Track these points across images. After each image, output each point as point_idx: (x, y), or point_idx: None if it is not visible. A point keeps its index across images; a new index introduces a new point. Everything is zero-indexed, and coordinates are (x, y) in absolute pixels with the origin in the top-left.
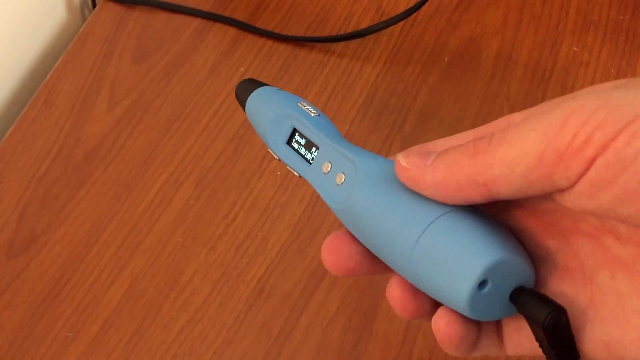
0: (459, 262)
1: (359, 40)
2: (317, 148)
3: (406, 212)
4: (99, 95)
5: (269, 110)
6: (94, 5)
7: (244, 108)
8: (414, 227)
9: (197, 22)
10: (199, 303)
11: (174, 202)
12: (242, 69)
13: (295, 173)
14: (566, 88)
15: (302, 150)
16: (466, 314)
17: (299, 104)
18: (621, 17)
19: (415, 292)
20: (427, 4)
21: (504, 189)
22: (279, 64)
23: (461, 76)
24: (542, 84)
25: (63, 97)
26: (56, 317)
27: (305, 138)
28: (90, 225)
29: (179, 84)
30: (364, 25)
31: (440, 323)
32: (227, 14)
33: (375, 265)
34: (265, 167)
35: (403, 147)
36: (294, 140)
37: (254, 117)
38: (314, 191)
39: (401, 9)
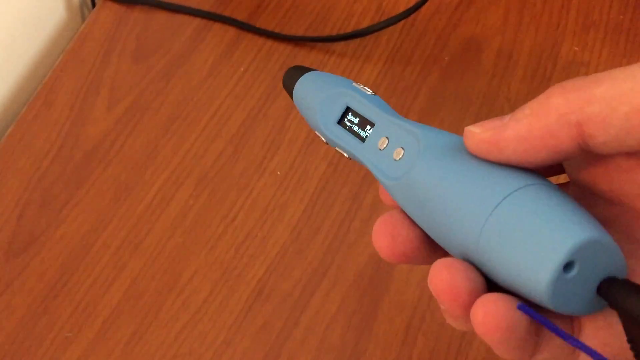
0: (541, 239)
1: (359, 40)
2: (372, 125)
3: (477, 185)
4: (99, 95)
5: (319, 91)
6: (94, 5)
7: (291, 95)
8: (487, 200)
9: (196, 21)
10: (198, 303)
11: (173, 202)
12: (242, 69)
13: (345, 154)
14: None
15: (355, 129)
16: (544, 301)
17: (353, 83)
18: (622, 17)
19: (471, 275)
20: (427, 4)
21: (601, 133)
22: (279, 64)
23: (461, 76)
24: (542, 84)
25: (62, 97)
26: (55, 318)
27: (360, 116)
28: (89, 225)
29: (178, 84)
30: (364, 25)
31: (479, 312)
32: (227, 13)
33: (433, 252)
34: (265, 167)
35: None
36: (346, 119)
37: (302, 101)
38: (314, 191)
39: (401, 8)
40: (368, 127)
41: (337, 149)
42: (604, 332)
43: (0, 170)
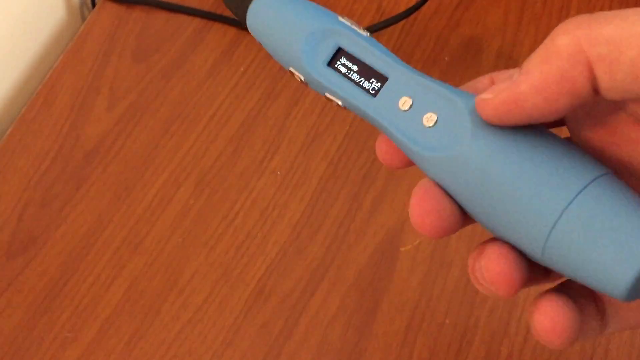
0: (623, 237)
1: None
2: (382, 77)
3: (548, 174)
4: (99, 95)
5: (296, 22)
6: (94, 5)
7: (242, 17)
8: (562, 192)
9: (196, 21)
10: (198, 303)
11: (173, 202)
12: (242, 69)
13: (339, 102)
14: None
15: (355, 77)
16: (617, 295)
17: (339, 17)
18: None
19: (518, 259)
20: (427, 4)
21: (607, 77)
22: (279, 64)
23: (462, 76)
24: None
25: (62, 97)
26: (55, 318)
27: (359, 62)
28: (89, 225)
29: (178, 84)
30: (364, 24)
31: (545, 320)
32: (226, 13)
33: (467, 222)
34: (265, 167)
35: None
36: (338, 62)
37: (267, 30)
38: (314, 191)
39: (401, 8)
40: (374, 79)
41: (327, 95)
42: (630, 306)
43: (0, 170)
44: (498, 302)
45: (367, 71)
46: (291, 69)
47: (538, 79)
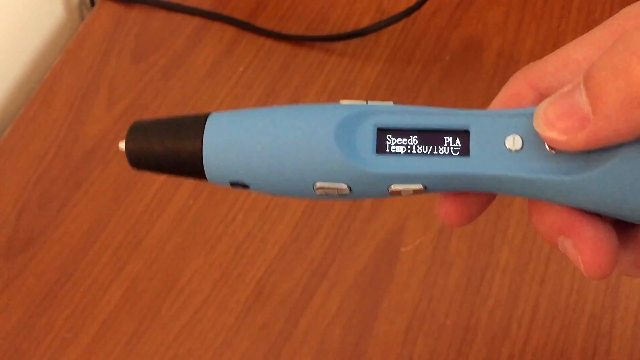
0: None
1: (359, 39)
2: (461, 132)
3: None
4: (98, 94)
5: (297, 128)
6: (93, 4)
7: (196, 157)
8: None
9: (196, 21)
10: (198, 304)
11: (172, 202)
12: (242, 69)
13: (415, 188)
14: None
15: (423, 148)
16: None
17: (345, 102)
18: None
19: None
20: (427, 3)
21: None
22: (278, 64)
23: (462, 75)
24: None
25: (61, 97)
26: (54, 318)
27: (417, 131)
28: (88, 225)
29: (177, 84)
30: (364, 24)
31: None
32: (226, 12)
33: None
34: None
35: None
36: (388, 144)
37: (245, 156)
38: None
39: (402, 7)
40: (448, 137)
41: (394, 187)
42: None
43: None
44: (499, 303)
45: (432, 135)
46: (320, 185)
47: (622, 125)
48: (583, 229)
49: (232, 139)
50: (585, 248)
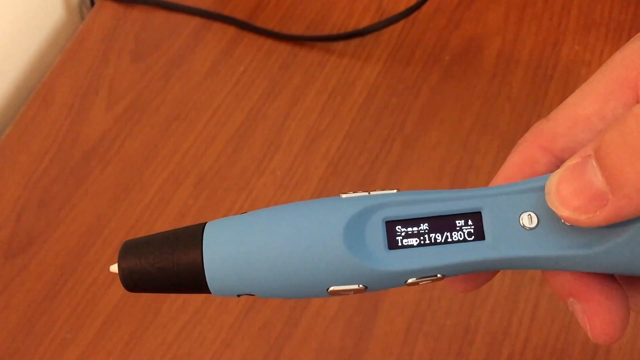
0: None
1: (359, 39)
2: (472, 214)
3: None
4: (98, 94)
5: (306, 231)
6: (93, 4)
7: (198, 273)
8: None
9: (196, 20)
10: (197, 304)
11: (173, 202)
12: (242, 69)
13: (433, 277)
14: (568, 87)
15: (436, 237)
16: None
17: (343, 195)
18: (623, 16)
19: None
20: (427, 3)
21: None
22: (278, 64)
23: (462, 76)
24: (543, 84)
25: (61, 97)
26: (54, 318)
27: (427, 219)
28: (88, 225)
29: (177, 83)
30: (364, 24)
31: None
32: (226, 12)
33: None
34: (265, 167)
35: (403, 147)
36: (399, 237)
37: (269, 263)
38: (314, 191)
39: (401, 8)
40: (460, 221)
41: (411, 280)
42: None
43: None
44: (499, 303)
45: (443, 221)
46: (334, 289)
47: (633, 191)
48: (594, 296)
49: (235, 251)
50: (595, 317)
